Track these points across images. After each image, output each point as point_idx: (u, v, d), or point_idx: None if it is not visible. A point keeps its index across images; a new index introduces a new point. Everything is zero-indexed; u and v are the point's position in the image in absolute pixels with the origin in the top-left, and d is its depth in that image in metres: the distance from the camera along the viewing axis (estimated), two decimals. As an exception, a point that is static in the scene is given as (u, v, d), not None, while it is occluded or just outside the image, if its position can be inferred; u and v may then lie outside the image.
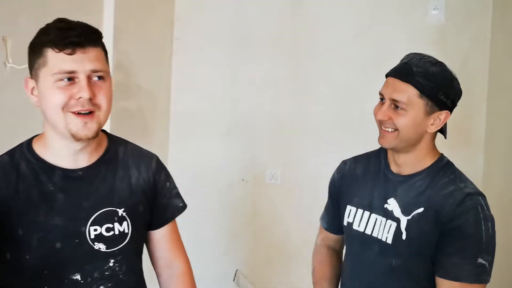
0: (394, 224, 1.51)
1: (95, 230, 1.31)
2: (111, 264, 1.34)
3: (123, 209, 1.36)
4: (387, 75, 1.54)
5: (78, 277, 1.30)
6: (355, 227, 1.60)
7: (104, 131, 1.43)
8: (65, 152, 1.30)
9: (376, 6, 3.04)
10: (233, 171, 3.25)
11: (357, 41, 3.05)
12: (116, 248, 1.35)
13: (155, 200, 1.46)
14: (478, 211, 1.42)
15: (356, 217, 1.60)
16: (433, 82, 1.45)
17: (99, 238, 1.32)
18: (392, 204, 1.52)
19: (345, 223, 1.64)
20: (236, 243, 3.27)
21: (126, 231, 1.36)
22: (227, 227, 3.25)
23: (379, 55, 2.98)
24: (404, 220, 1.49)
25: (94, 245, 1.32)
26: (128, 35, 2.82)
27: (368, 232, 1.57)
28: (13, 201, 1.25)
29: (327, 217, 1.78)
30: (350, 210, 1.63)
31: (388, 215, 1.53)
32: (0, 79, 2.03)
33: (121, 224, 1.35)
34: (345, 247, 1.70)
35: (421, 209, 1.48)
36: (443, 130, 1.56)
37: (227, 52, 3.24)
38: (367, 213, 1.58)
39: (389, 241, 1.51)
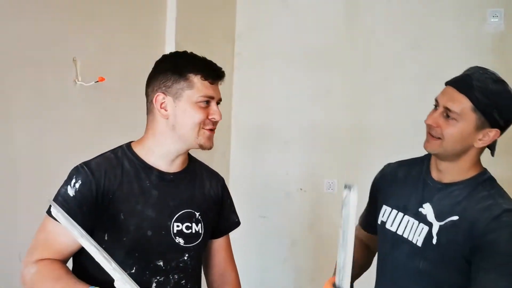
0: (426, 228, 1.52)
1: (178, 226, 1.53)
2: (185, 258, 1.54)
3: (199, 213, 1.57)
4: (446, 83, 1.55)
5: (161, 263, 1.50)
6: (387, 226, 1.62)
7: None
8: (165, 157, 1.53)
9: (431, 16, 3.04)
10: (291, 180, 3.34)
11: (412, 51, 3.07)
12: (191, 245, 1.55)
13: (220, 211, 1.68)
14: None
15: (390, 217, 1.63)
16: (490, 99, 1.45)
17: (180, 233, 1.53)
18: (427, 209, 1.53)
19: (379, 222, 1.67)
20: (295, 251, 3.34)
21: (200, 231, 1.57)
22: (286, 235, 3.33)
23: (434, 65, 2.98)
24: (436, 225, 1.50)
25: (175, 238, 1.52)
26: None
27: (399, 232, 1.58)
28: (118, 191, 1.47)
29: (363, 213, 1.82)
30: (385, 210, 1.65)
31: (422, 218, 1.54)
32: (71, 95, 2.23)
33: (197, 225, 1.56)
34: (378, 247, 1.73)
35: (455, 217, 1.48)
36: (491, 147, 1.54)
37: (285, 66, 3.36)
38: (400, 214, 1.60)
39: (419, 244, 1.52)
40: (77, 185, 1.44)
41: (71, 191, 1.44)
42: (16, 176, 2.04)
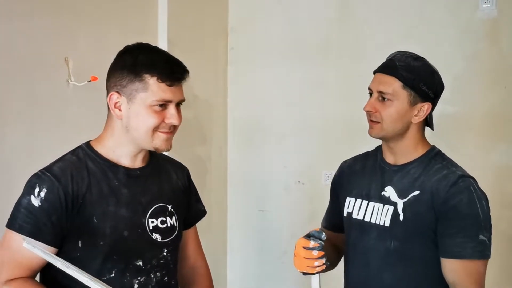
0: (392, 208, 1.61)
1: (153, 222, 1.49)
2: (164, 253, 1.51)
3: (171, 206, 1.54)
4: (374, 72, 1.69)
5: (140, 263, 1.46)
6: (354, 215, 1.70)
7: None
8: (127, 154, 1.48)
9: (424, 4, 3.03)
10: (289, 174, 3.34)
11: (406, 40, 3.04)
12: (169, 239, 1.52)
13: (189, 201, 1.65)
14: (471, 191, 1.54)
15: (355, 207, 1.70)
16: (414, 74, 1.58)
17: (156, 229, 1.50)
18: (389, 191, 1.64)
19: (345, 214, 1.74)
20: (294, 244, 3.33)
21: (175, 224, 1.54)
22: (285, 228, 3.33)
23: (429, 54, 2.93)
24: (400, 203, 1.61)
25: (152, 235, 1.49)
26: (182, 48, 2.96)
27: (366, 219, 1.67)
28: (87, 194, 1.41)
29: (326, 216, 1.90)
30: (350, 201, 1.73)
31: (385, 201, 1.63)
32: (63, 95, 2.22)
33: (171, 218, 1.53)
34: (345, 240, 1.77)
35: (417, 192, 1.59)
36: (429, 123, 1.66)
37: (280, 59, 3.35)
38: (365, 202, 1.69)
39: (387, 224, 1.61)
40: (42, 194, 1.36)
41: (35, 201, 1.36)
42: (10, 177, 2.03)
